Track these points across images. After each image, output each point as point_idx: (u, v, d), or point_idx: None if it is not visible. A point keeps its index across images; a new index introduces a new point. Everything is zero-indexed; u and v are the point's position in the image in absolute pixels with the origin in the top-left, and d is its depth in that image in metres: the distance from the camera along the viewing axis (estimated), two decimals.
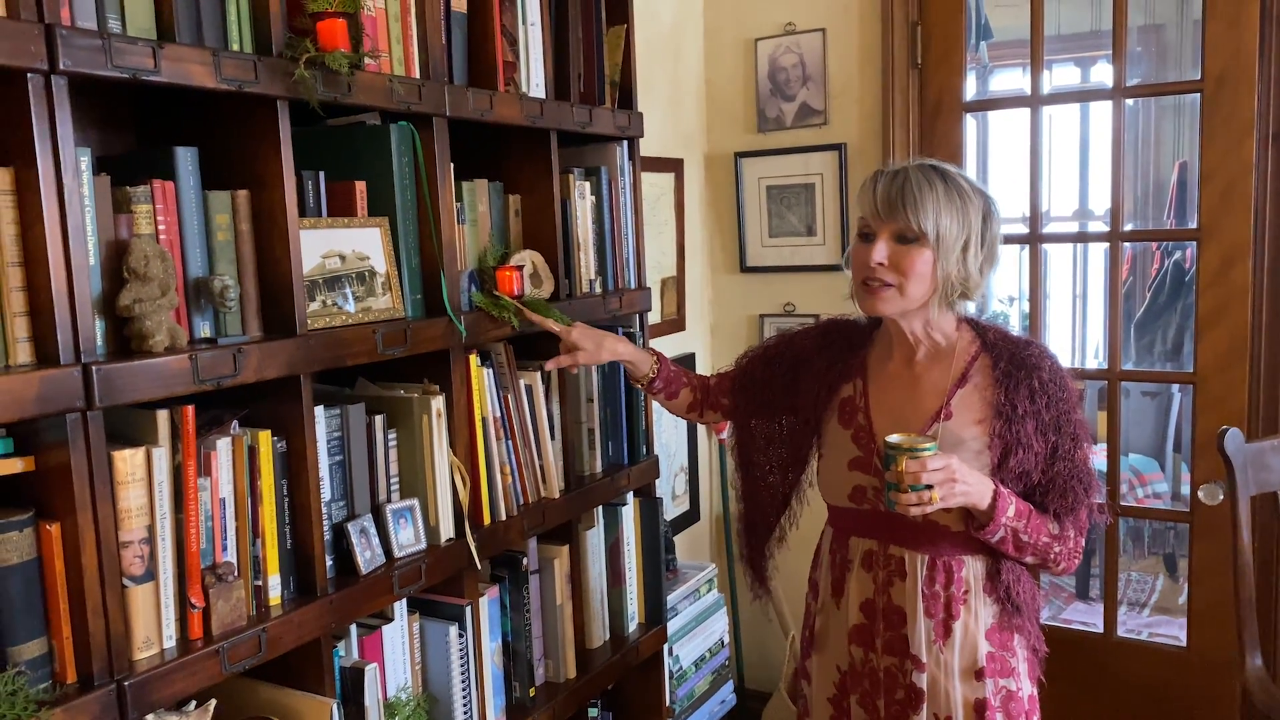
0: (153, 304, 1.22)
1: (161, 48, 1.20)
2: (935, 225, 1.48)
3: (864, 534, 1.62)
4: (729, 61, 3.01)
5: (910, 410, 1.58)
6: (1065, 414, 1.52)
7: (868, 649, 1.62)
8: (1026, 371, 1.52)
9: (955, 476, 1.42)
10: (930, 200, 1.48)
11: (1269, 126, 2.36)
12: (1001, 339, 1.58)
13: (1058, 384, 1.52)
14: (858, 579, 1.62)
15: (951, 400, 1.55)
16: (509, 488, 1.81)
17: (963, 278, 1.52)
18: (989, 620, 1.56)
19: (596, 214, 2.05)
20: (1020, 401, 1.51)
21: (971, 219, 1.51)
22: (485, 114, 1.70)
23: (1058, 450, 1.52)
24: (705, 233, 3.12)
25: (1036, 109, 2.64)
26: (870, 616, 1.61)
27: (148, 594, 1.24)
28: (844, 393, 1.66)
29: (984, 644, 1.56)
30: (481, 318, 1.72)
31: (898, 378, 1.62)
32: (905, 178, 1.50)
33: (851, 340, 1.71)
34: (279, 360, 1.36)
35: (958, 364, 1.57)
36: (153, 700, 1.21)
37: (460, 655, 1.69)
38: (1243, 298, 2.44)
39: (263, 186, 1.38)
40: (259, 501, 1.38)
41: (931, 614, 1.55)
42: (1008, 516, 1.49)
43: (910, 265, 1.49)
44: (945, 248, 1.49)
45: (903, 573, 1.57)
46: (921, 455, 1.41)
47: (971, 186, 1.53)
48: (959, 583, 1.55)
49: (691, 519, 3.06)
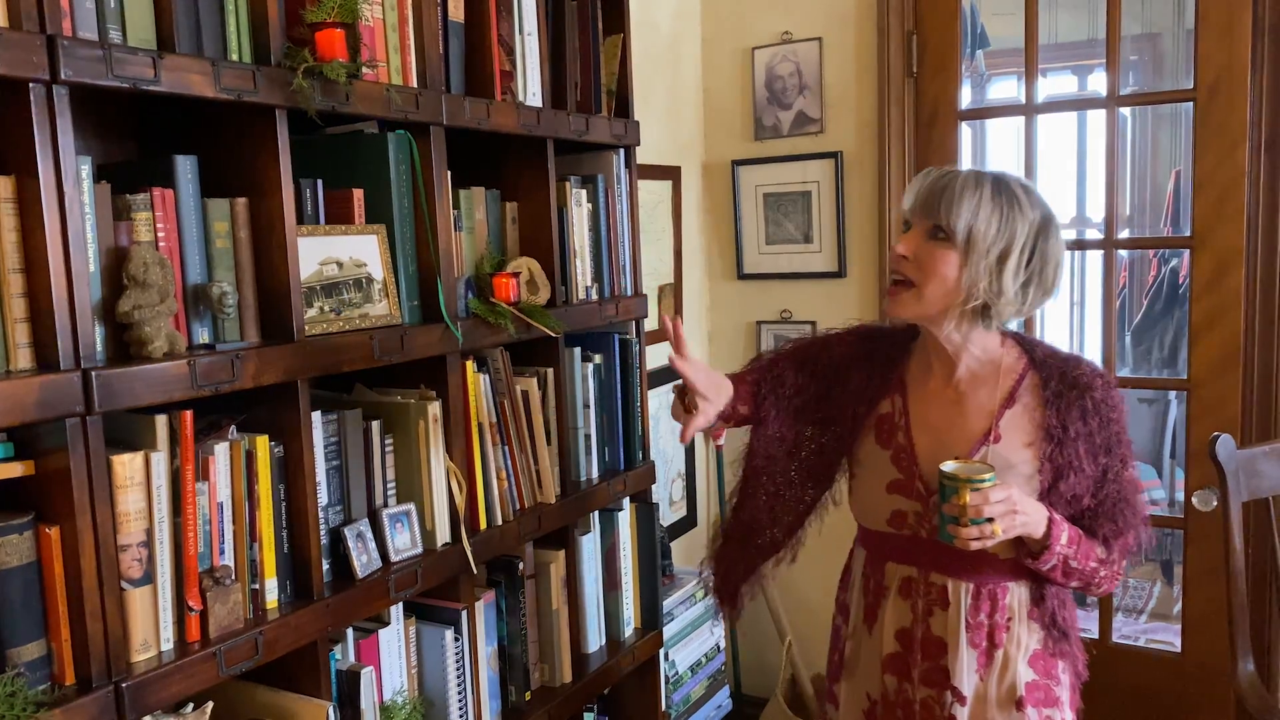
0: (152, 310, 1.24)
1: (161, 58, 1.22)
2: (968, 225, 1.39)
3: (903, 560, 1.53)
4: (726, 70, 3.04)
5: (955, 432, 1.50)
6: (1117, 436, 1.46)
7: (903, 679, 1.53)
8: (1079, 391, 1.45)
9: (1017, 509, 1.36)
10: (969, 198, 1.39)
11: (1261, 135, 2.38)
12: (1050, 356, 1.50)
13: (1110, 404, 1.46)
14: (894, 607, 1.54)
15: (1000, 422, 1.48)
16: (505, 493, 1.82)
17: (994, 291, 1.41)
18: (1032, 646, 1.50)
19: (593, 221, 2.06)
20: (1072, 423, 1.44)
21: (1017, 228, 1.40)
22: (482, 123, 1.72)
23: (1108, 473, 1.46)
24: (703, 240, 3.13)
25: (1031, 117, 2.66)
26: (907, 646, 1.53)
27: (146, 597, 1.26)
28: (882, 409, 1.57)
29: (1026, 671, 1.48)
30: (478, 324, 1.73)
31: (939, 396, 1.53)
32: (952, 175, 1.43)
33: (890, 351, 1.61)
34: (277, 366, 1.37)
35: (1004, 383, 1.49)
36: (150, 702, 1.22)
37: (456, 659, 1.70)
38: (1236, 305, 2.45)
39: (261, 194, 1.40)
40: (256, 506, 1.39)
41: (975, 644, 1.48)
42: (1061, 545, 1.42)
43: (932, 264, 1.42)
44: (976, 252, 1.40)
45: (944, 601, 1.49)
46: (983, 487, 1.33)
47: (1031, 198, 1.43)
48: (1003, 610, 1.48)
49: (689, 525, 3.07)
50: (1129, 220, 4.77)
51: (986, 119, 3.75)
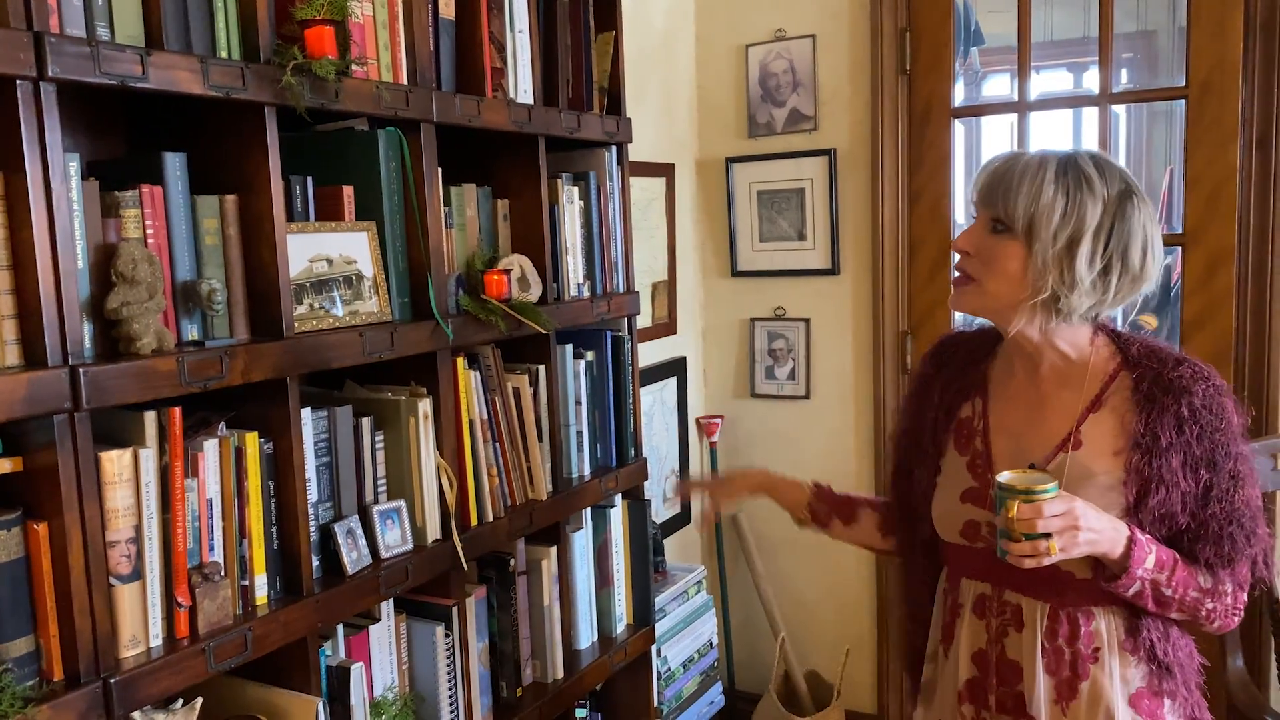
0: (140, 307, 1.24)
1: (149, 55, 1.22)
2: (1027, 213, 1.27)
3: (976, 575, 1.41)
4: (720, 67, 3.04)
5: (1033, 436, 1.38)
6: (1223, 447, 1.29)
7: (980, 707, 1.41)
8: (1174, 396, 1.29)
9: (1078, 524, 1.23)
10: (1027, 184, 1.27)
11: (1252, 133, 2.39)
12: (1147, 355, 1.34)
13: (1213, 412, 1.29)
14: (969, 626, 1.42)
15: (1082, 426, 1.34)
16: (496, 490, 1.82)
17: (1067, 283, 1.28)
18: (1136, 683, 1.34)
19: (585, 218, 2.07)
20: (1165, 432, 1.29)
21: (1087, 210, 1.26)
22: (473, 120, 1.72)
23: (1212, 490, 1.29)
24: (697, 237, 3.14)
25: (1024, 115, 2.67)
26: (983, 670, 1.41)
27: (134, 593, 1.26)
28: (962, 413, 1.46)
29: (1124, 711, 1.33)
30: (469, 321, 1.73)
31: (1020, 396, 1.41)
32: (1013, 160, 1.31)
33: (973, 353, 1.50)
34: (265, 363, 1.37)
35: (1092, 383, 1.36)
36: (139, 698, 1.23)
37: (447, 655, 1.71)
38: (1227, 302, 2.46)
39: (251, 191, 1.40)
40: (245, 502, 1.40)
41: (1053, 671, 1.35)
42: (1145, 568, 1.27)
43: (994, 257, 1.31)
44: (1040, 241, 1.27)
45: (1019, 622, 1.37)
46: (1037, 498, 1.22)
47: (1106, 173, 1.29)
48: (1087, 638, 1.34)
49: (683, 521, 3.08)
50: None
51: (979, 116, 3.75)
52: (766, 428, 3.12)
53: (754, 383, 3.12)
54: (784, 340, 3.07)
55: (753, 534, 3.12)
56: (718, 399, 3.20)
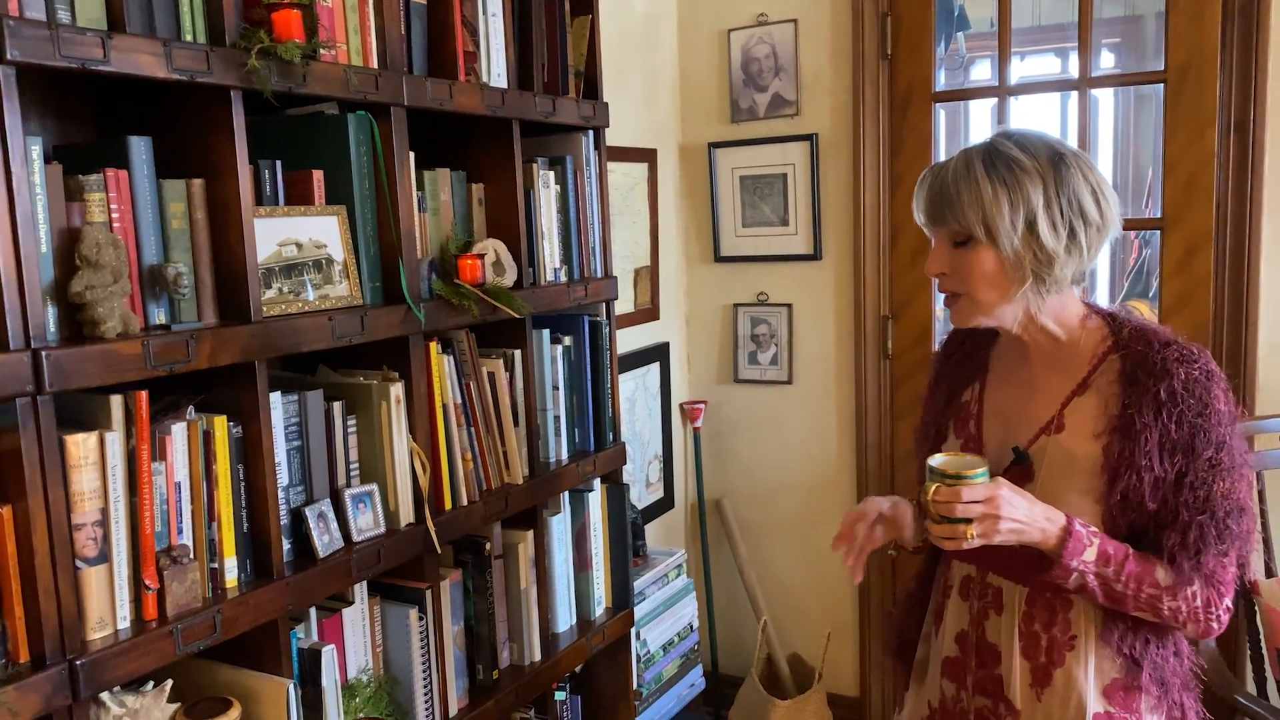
0: (105, 291, 1.24)
1: (111, 38, 1.22)
2: (980, 219, 1.28)
3: (964, 558, 1.42)
4: (702, 52, 3.03)
5: (1020, 419, 1.38)
6: (1203, 434, 1.25)
7: (960, 686, 1.44)
8: (1155, 378, 1.26)
9: (998, 512, 1.22)
10: (968, 194, 1.28)
11: (1230, 117, 2.39)
12: (1137, 336, 1.32)
13: (1195, 395, 1.25)
14: (954, 607, 1.45)
15: (1066, 409, 1.34)
16: (470, 474, 1.83)
17: (1045, 259, 1.28)
18: (1111, 674, 1.33)
19: (562, 203, 2.07)
20: (1142, 413, 1.26)
21: (1029, 193, 1.27)
22: (444, 103, 1.72)
23: (1186, 476, 1.25)
24: (680, 223, 3.14)
25: (1004, 99, 2.67)
26: (964, 650, 1.43)
27: (101, 575, 1.26)
28: (963, 398, 1.48)
29: (1096, 701, 1.33)
30: (442, 305, 1.74)
31: (1013, 379, 1.42)
32: (944, 174, 1.32)
33: (978, 339, 1.50)
34: (233, 346, 1.38)
35: (1080, 366, 1.35)
36: (105, 679, 1.23)
37: (421, 638, 1.72)
38: (1205, 286, 2.47)
39: (218, 175, 1.40)
40: (214, 486, 1.40)
41: (1030, 656, 1.36)
42: (1081, 560, 1.26)
43: (970, 269, 1.31)
44: (1003, 237, 1.27)
45: (999, 605, 1.38)
46: (961, 483, 1.23)
47: (1028, 148, 1.29)
48: (1064, 625, 1.34)
49: (666, 506, 3.09)
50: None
51: (960, 101, 3.74)
52: (750, 413, 3.13)
53: (737, 368, 3.13)
54: (767, 325, 3.07)
55: (736, 519, 3.14)
56: (701, 384, 3.21)
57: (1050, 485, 1.33)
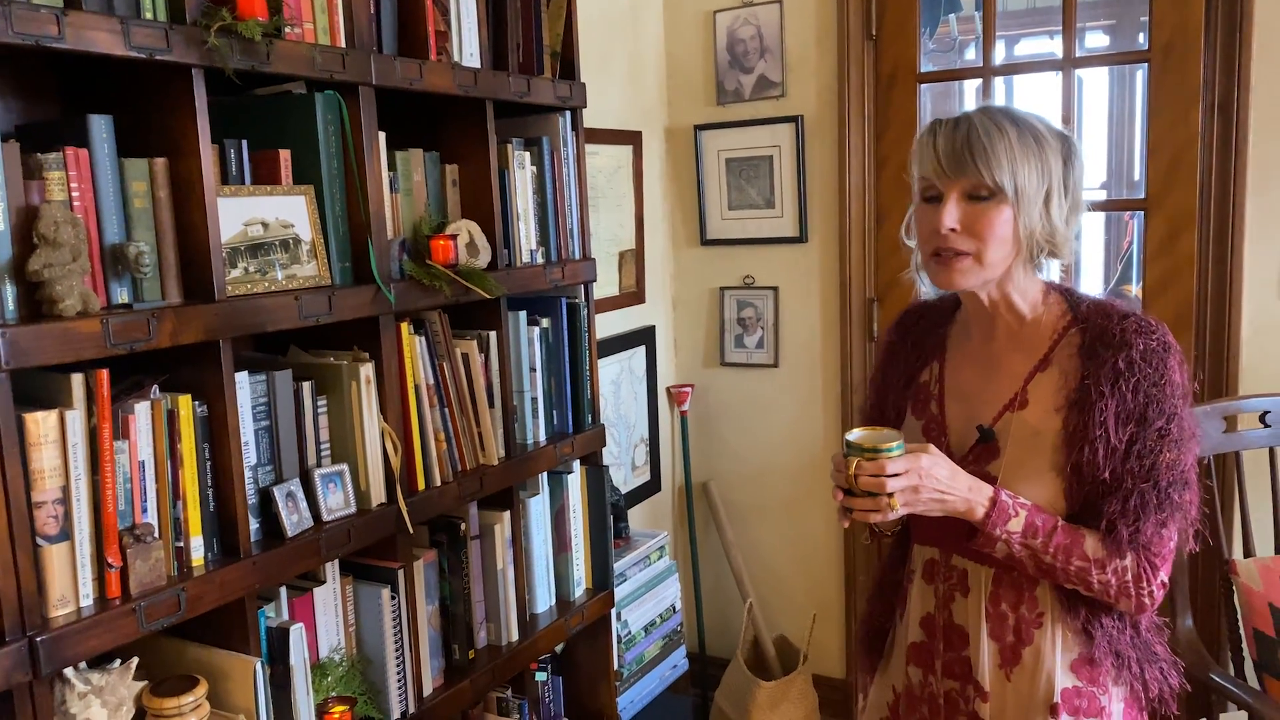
0: (63, 269, 1.24)
1: (66, 14, 1.21)
2: (1013, 177, 1.26)
3: (926, 540, 1.43)
4: (688, 34, 3.02)
5: (984, 397, 1.38)
6: (1156, 404, 1.25)
7: (927, 670, 1.43)
8: (1113, 350, 1.27)
9: (920, 483, 1.23)
10: (1003, 148, 1.26)
11: (1214, 96, 2.38)
12: (1097, 311, 1.33)
13: (1152, 366, 1.26)
14: (919, 591, 1.45)
15: (1029, 385, 1.34)
16: (444, 454, 1.83)
17: (1048, 233, 1.29)
18: (1076, 649, 1.34)
19: (538, 184, 2.06)
20: (1100, 385, 1.26)
21: (1051, 164, 1.28)
22: (414, 83, 1.71)
23: (1134, 444, 1.25)
24: (666, 205, 3.13)
25: (989, 80, 2.65)
26: (930, 634, 1.43)
27: (63, 553, 1.27)
28: (921, 378, 1.48)
29: (1064, 676, 1.34)
30: (413, 286, 1.73)
31: (975, 359, 1.42)
32: (970, 125, 1.28)
33: (934, 319, 1.50)
34: (196, 325, 1.38)
35: (1041, 342, 1.35)
36: (66, 656, 1.24)
37: (393, 617, 1.72)
38: (1189, 267, 2.46)
39: (180, 154, 1.40)
40: (179, 465, 1.40)
41: (997, 637, 1.36)
42: (1006, 530, 1.27)
43: (988, 227, 1.27)
44: (1026, 201, 1.26)
45: (965, 587, 1.38)
46: (881, 456, 1.24)
47: (1047, 127, 1.31)
48: (1030, 603, 1.34)
49: (653, 489, 3.09)
50: (1105, 184, 4.76)
51: (945, 81, 3.72)
52: (736, 396, 3.13)
53: (723, 351, 3.13)
54: (753, 308, 3.07)
55: (723, 501, 3.14)
56: (688, 368, 3.20)
57: (1016, 462, 1.33)
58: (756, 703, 2.78)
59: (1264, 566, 2.04)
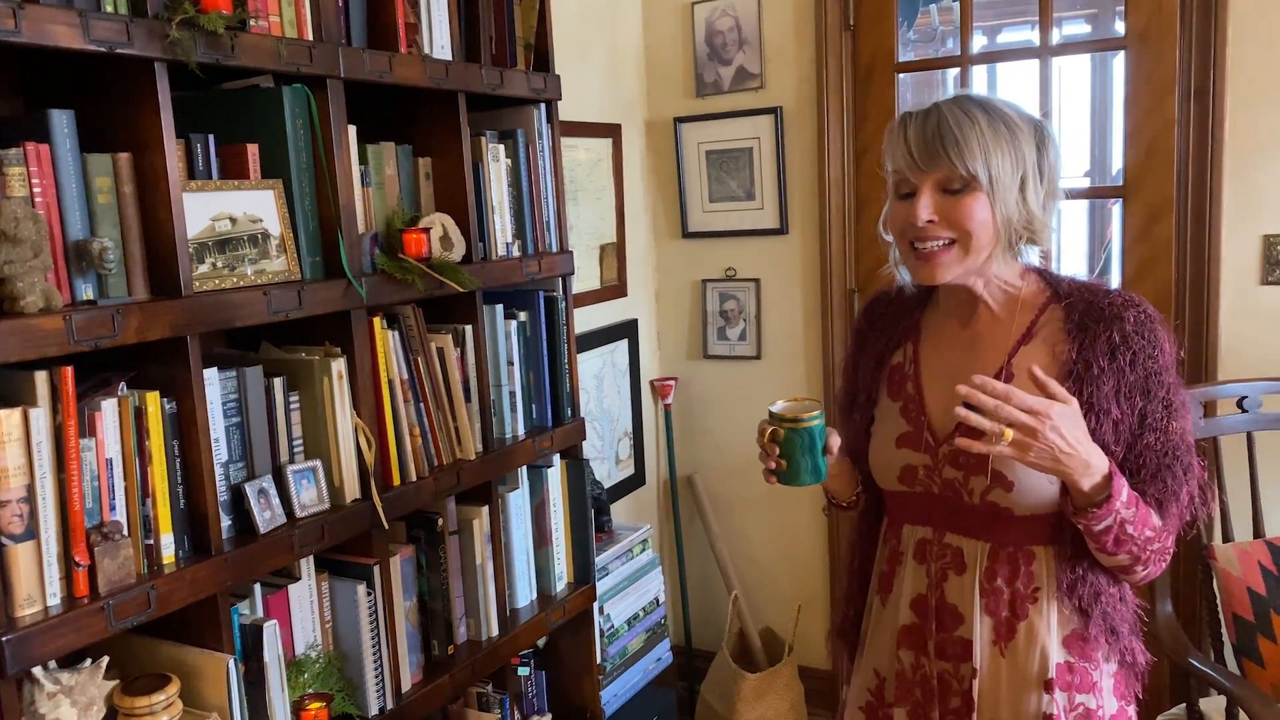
0: (24, 265, 1.23)
1: (22, 8, 1.20)
2: (986, 166, 1.26)
3: (917, 520, 1.42)
4: (666, 26, 3.01)
5: (966, 375, 1.32)
6: (1156, 375, 1.28)
7: (919, 653, 1.42)
8: (1105, 323, 1.29)
9: (1040, 427, 1.17)
10: (975, 137, 1.26)
11: (1190, 83, 2.38)
12: (1078, 288, 1.35)
13: (1145, 338, 1.28)
14: (910, 572, 1.43)
15: (1013, 359, 1.34)
16: (419, 449, 1.82)
17: (1025, 220, 1.30)
18: (1071, 624, 1.35)
19: (513, 177, 2.05)
20: (1097, 358, 1.28)
21: (1025, 151, 1.29)
22: (384, 76, 1.70)
23: (1146, 419, 1.27)
24: (647, 198, 3.12)
25: (966, 69, 2.65)
26: (922, 615, 1.41)
27: (28, 552, 1.26)
28: (894, 360, 1.47)
29: (1058, 651, 1.34)
30: (385, 280, 1.72)
31: (954, 339, 1.42)
32: (940, 116, 1.28)
33: (905, 304, 1.50)
34: (162, 321, 1.37)
35: (1023, 317, 1.36)
36: (33, 655, 1.23)
37: (369, 613, 1.72)
38: (1167, 254, 2.46)
39: (145, 149, 1.39)
40: (148, 462, 1.39)
41: (992, 612, 1.35)
42: (1122, 501, 1.24)
43: (966, 216, 1.28)
44: (1002, 189, 1.27)
45: (959, 565, 1.37)
46: (799, 424, 1.29)
47: (1019, 114, 1.31)
48: (1026, 578, 1.34)
49: (637, 483, 3.09)
50: (1089, 172, 4.77)
51: (922, 71, 3.73)
52: (719, 388, 3.13)
53: (706, 344, 3.12)
54: (735, 301, 3.07)
55: (707, 494, 3.14)
56: (670, 361, 3.20)
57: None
58: (742, 695, 2.78)
59: (1242, 552, 2.05)
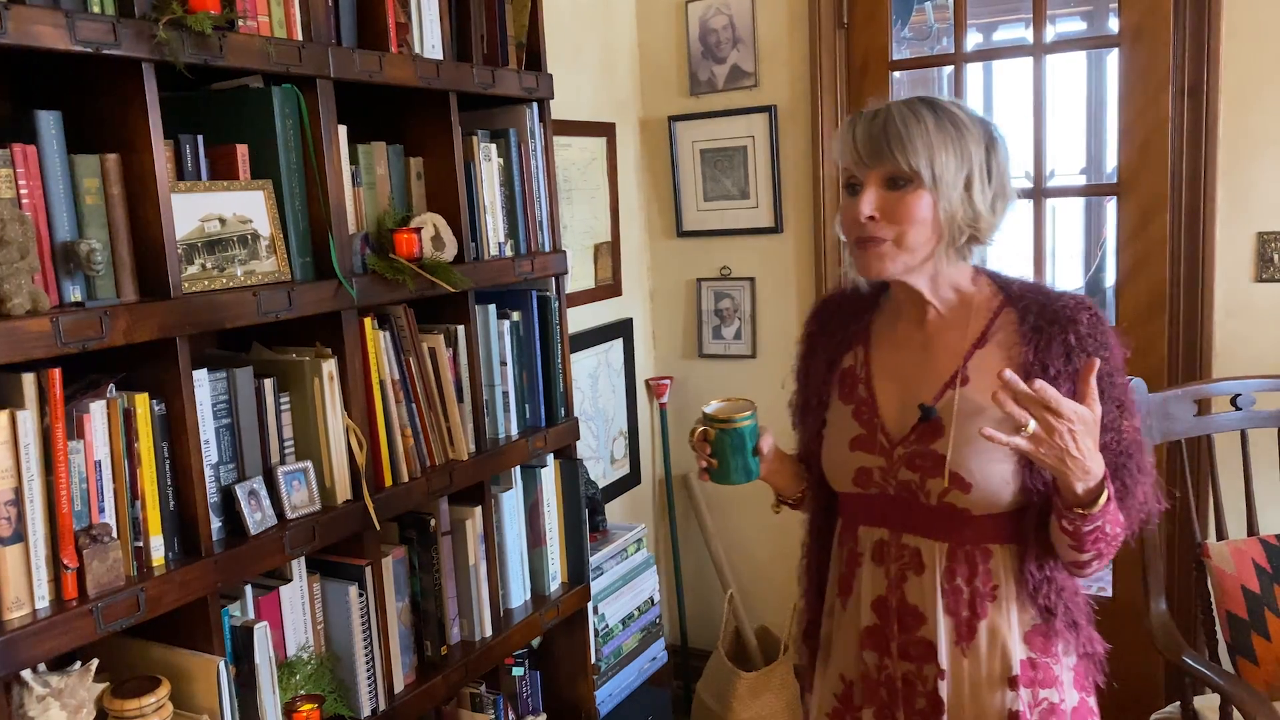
0: (10, 267, 1.23)
1: (8, 9, 1.20)
2: (929, 162, 1.27)
3: (873, 522, 1.42)
4: (661, 24, 3.00)
5: (920, 377, 1.38)
6: (1108, 376, 1.29)
7: (882, 654, 1.41)
8: (1060, 326, 1.30)
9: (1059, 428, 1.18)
10: (919, 134, 1.27)
11: (1184, 80, 2.37)
12: (1030, 291, 1.36)
13: (1098, 340, 1.30)
14: (869, 574, 1.43)
15: (969, 363, 1.35)
16: (411, 450, 1.82)
17: (970, 218, 1.31)
18: (1030, 621, 1.36)
19: (505, 176, 2.05)
20: (1053, 361, 1.29)
21: (971, 150, 1.30)
22: (374, 75, 1.69)
23: (1102, 420, 1.26)
24: (642, 197, 3.12)
25: (960, 66, 2.65)
26: (883, 617, 1.41)
27: (16, 555, 1.25)
28: (844, 363, 1.47)
29: (1019, 648, 1.35)
30: (376, 281, 1.72)
31: (907, 342, 1.42)
32: (888, 114, 1.29)
33: (855, 308, 1.50)
34: (150, 323, 1.36)
35: (976, 321, 1.37)
36: (22, 658, 1.23)
37: (361, 615, 1.71)
38: (1161, 251, 2.46)
39: (133, 150, 1.38)
40: (137, 464, 1.39)
41: (953, 612, 1.36)
42: (1112, 505, 1.26)
43: (906, 212, 1.29)
44: (945, 186, 1.28)
45: (918, 566, 1.37)
46: (731, 424, 1.34)
47: (968, 115, 1.33)
48: (985, 576, 1.35)
49: (632, 482, 3.09)
50: (1085, 169, 4.77)
51: (916, 69, 3.74)
52: (715, 388, 3.12)
53: (701, 343, 3.12)
54: (730, 300, 3.06)
55: (703, 494, 3.13)
56: (666, 360, 3.20)
57: (964, 438, 1.32)
58: (738, 693, 2.78)
59: (1236, 549, 2.05)
